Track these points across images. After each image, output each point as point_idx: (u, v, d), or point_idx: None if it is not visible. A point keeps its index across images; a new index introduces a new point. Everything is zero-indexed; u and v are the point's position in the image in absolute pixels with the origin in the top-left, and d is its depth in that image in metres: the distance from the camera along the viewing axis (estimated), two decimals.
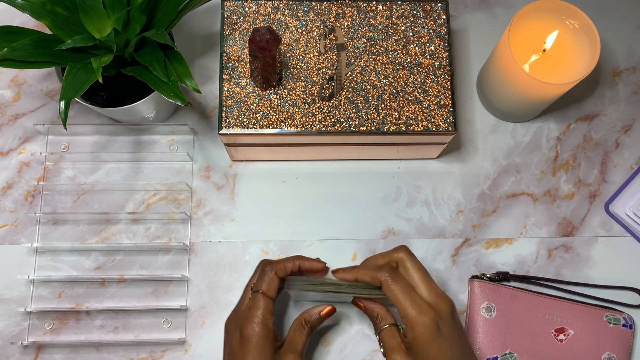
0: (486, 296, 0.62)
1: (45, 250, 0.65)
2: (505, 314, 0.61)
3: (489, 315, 0.61)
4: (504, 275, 0.63)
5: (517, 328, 0.61)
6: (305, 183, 0.68)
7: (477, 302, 0.62)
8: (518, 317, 0.61)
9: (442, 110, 0.60)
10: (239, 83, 0.60)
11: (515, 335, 0.61)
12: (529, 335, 0.61)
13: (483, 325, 0.61)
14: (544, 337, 0.61)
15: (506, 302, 0.62)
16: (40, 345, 0.63)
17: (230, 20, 0.62)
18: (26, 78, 0.70)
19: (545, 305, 0.62)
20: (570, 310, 0.62)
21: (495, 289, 0.62)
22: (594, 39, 0.60)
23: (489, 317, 0.61)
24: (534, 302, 0.62)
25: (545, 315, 0.62)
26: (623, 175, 0.69)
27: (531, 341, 0.61)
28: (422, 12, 0.63)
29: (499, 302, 0.62)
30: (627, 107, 0.71)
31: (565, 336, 0.61)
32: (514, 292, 0.62)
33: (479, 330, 0.61)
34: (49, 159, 0.67)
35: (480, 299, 0.62)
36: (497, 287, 0.62)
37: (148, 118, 0.65)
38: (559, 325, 0.61)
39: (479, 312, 0.62)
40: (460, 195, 0.68)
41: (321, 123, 0.59)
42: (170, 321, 0.63)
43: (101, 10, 0.57)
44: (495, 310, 0.61)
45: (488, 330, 0.61)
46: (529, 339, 0.61)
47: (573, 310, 0.62)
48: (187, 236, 0.66)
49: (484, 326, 0.61)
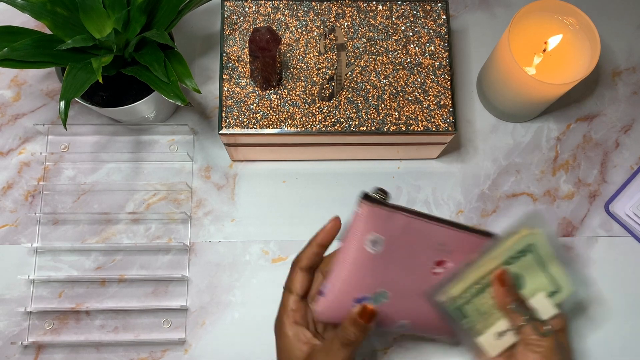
0: (376, 226, 0.49)
1: (46, 250, 0.65)
2: (392, 248, 0.50)
3: (374, 251, 0.49)
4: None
5: (399, 263, 0.51)
6: (305, 183, 0.68)
7: (363, 232, 0.49)
8: (405, 250, 0.51)
9: (442, 110, 0.60)
10: (239, 83, 0.60)
11: (395, 271, 0.50)
12: (408, 270, 0.51)
13: (364, 262, 0.49)
14: (422, 272, 0.52)
15: (397, 234, 0.50)
16: (40, 345, 0.63)
17: (230, 20, 0.62)
18: (26, 78, 0.70)
19: (438, 235, 0.52)
20: (454, 240, 0.53)
21: (390, 216, 0.50)
22: (594, 39, 0.60)
23: (374, 253, 0.49)
24: (426, 232, 0.52)
25: (433, 246, 0.52)
26: (623, 175, 0.69)
27: (408, 276, 0.51)
28: (422, 12, 0.63)
29: (390, 233, 0.50)
30: (627, 107, 0.71)
31: (442, 269, 0.53)
32: (410, 220, 0.51)
33: (356, 268, 0.49)
34: (49, 159, 0.67)
35: (368, 228, 0.49)
36: (393, 214, 0.50)
37: (148, 118, 0.65)
38: (441, 257, 0.52)
39: (363, 245, 0.49)
40: (460, 195, 0.68)
41: (321, 123, 0.59)
42: (170, 321, 0.64)
43: (101, 10, 0.57)
44: (382, 245, 0.49)
45: (368, 267, 0.49)
46: (407, 274, 0.51)
47: (456, 239, 0.53)
48: (187, 236, 0.66)
49: (365, 263, 0.49)
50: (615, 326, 0.65)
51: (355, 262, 0.49)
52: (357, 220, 0.49)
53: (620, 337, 0.65)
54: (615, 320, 0.65)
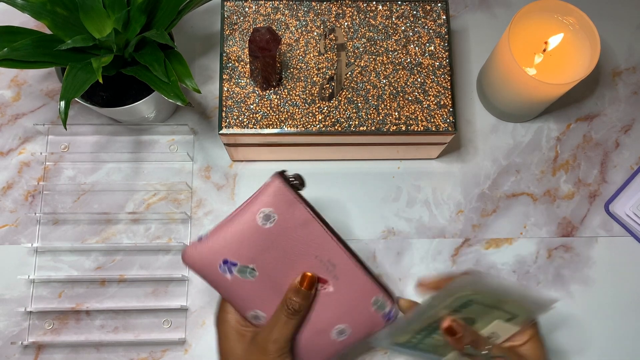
0: (276, 203, 0.49)
1: (45, 250, 0.65)
2: (280, 233, 0.49)
3: (262, 223, 0.49)
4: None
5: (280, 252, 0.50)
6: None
7: (262, 203, 0.49)
8: (292, 244, 0.50)
9: (442, 110, 0.60)
10: (239, 83, 0.60)
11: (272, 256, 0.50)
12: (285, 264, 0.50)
13: (249, 230, 0.49)
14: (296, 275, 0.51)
15: (291, 225, 0.49)
16: (40, 345, 0.63)
17: (230, 20, 0.62)
18: (26, 78, 0.70)
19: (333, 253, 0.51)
20: (347, 270, 0.51)
21: (293, 203, 0.49)
22: (594, 39, 0.60)
23: (261, 226, 0.49)
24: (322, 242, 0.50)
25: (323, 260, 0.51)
26: (623, 175, 0.69)
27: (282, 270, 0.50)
28: (422, 12, 0.63)
29: (285, 218, 0.49)
30: (627, 107, 0.71)
31: (322, 288, 0.51)
32: (311, 220, 0.50)
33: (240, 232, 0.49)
34: (49, 159, 0.67)
35: (267, 202, 0.49)
36: (297, 203, 0.49)
37: (148, 118, 0.65)
38: (324, 275, 0.51)
39: (255, 215, 0.49)
40: (460, 195, 0.68)
41: (321, 123, 0.59)
42: (170, 321, 0.64)
43: (101, 10, 0.57)
44: (273, 224, 0.49)
45: (249, 237, 0.49)
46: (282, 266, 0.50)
47: (350, 271, 0.51)
48: (187, 236, 0.66)
49: (249, 232, 0.49)
50: (615, 326, 0.65)
51: (242, 226, 0.49)
52: (262, 190, 0.49)
53: (620, 337, 0.65)
54: (615, 320, 0.65)
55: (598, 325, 0.65)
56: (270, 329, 0.50)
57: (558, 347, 0.64)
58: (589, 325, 0.65)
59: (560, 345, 0.64)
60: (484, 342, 0.49)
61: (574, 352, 0.64)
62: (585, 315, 0.65)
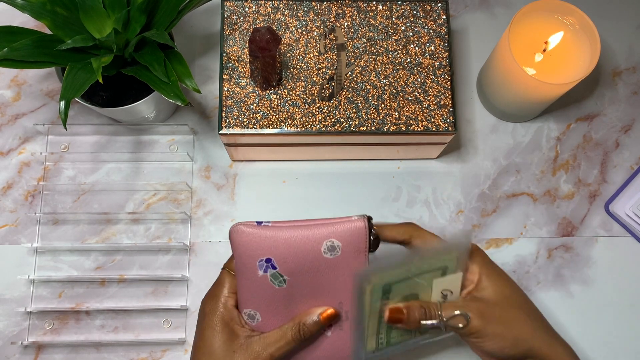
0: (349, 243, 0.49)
1: (45, 250, 0.65)
2: (331, 267, 0.49)
3: (323, 250, 0.48)
4: None
5: (318, 280, 0.50)
6: (305, 183, 0.68)
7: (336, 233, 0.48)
8: (331, 280, 0.50)
9: (442, 110, 0.60)
10: (239, 83, 0.60)
11: (309, 279, 0.49)
12: (314, 292, 0.50)
13: (308, 248, 0.48)
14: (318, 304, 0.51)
15: (346, 266, 0.49)
16: (40, 345, 0.63)
17: (230, 20, 0.62)
18: (26, 78, 0.70)
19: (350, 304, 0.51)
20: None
21: (361, 252, 0.49)
22: (594, 39, 0.60)
23: (322, 252, 0.48)
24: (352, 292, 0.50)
25: (340, 305, 0.51)
26: (623, 175, 0.69)
27: (309, 296, 0.50)
28: (422, 12, 0.63)
29: (346, 259, 0.49)
30: (627, 107, 0.71)
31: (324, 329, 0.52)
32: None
33: (299, 243, 0.48)
34: (49, 159, 0.67)
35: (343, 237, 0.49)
36: (363, 255, 0.49)
37: (148, 118, 0.65)
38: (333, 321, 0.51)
39: (323, 240, 0.48)
40: (460, 195, 0.68)
41: (321, 123, 0.59)
42: (170, 321, 0.64)
43: (101, 10, 0.57)
44: (333, 256, 0.49)
45: (305, 254, 0.48)
46: (310, 292, 0.50)
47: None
48: (187, 236, 0.66)
49: (308, 250, 0.48)
50: (615, 326, 0.65)
51: (304, 241, 0.48)
52: (343, 222, 0.49)
53: (620, 337, 0.65)
54: (615, 320, 0.65)
55: (598, 325, 0.65)
56: (272, 342, 0.49)
57: None
58: (589, 325, 0.65)
59: None
60: (435, 307, 0.48)
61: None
62: (585, 315, 0.65)
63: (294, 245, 0.48)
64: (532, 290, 0.66)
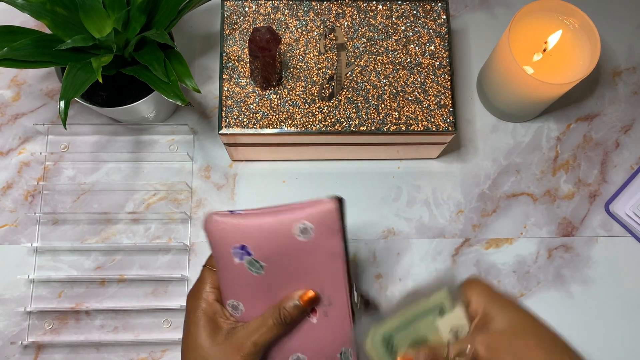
0: (321, 224, 0.48)
1: (45, 250, 0.65)
2: (307, 251, 0.48)
3: (296, 234, 0.48)
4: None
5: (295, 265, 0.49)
6: (305, 183, 0.68)
7: (306, 215, 0.48)
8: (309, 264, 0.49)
9: (442, 110, 0.60)
10: (239, 83, 0.60)
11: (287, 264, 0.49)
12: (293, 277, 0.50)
13: (281, 232, 0.48)
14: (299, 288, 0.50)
15: (322, 249, 0.48)
16: (40, 345, 0.63)
17: (230, 20, 0.62)
18: (26, 78, 0.70)
19: (334, 289, 0.50)
20: (339, 314, 0.50)
21: (335, 233, 0.48)
22: (594, 39, 0.60)
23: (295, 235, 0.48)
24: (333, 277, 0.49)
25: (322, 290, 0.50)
26: (623, 175, 0.69)
27: (289, 282, 0.50)
28: (422, 11, 0.63)
29: (320, 241, 0.48)
30: (627, 107, 0.71)
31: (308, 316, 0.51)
32: (339, 255, 0.49)
33: (272, 228, 0.48)
34: (49, 159, 0.67)
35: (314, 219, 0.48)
36: (338, 235, 0.48)
37: (148, 118, 0.65)
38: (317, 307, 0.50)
39: (295, 223, 0.48)
40: (460, 195, 0.68)
41: (321, 123, 0.59)
42: (170, 321, 0.63)
43: (101, 10, 0.57)
44: (307, 239, 0.48)
45: (278, 238, 0.48)
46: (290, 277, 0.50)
47: (341, 317, 0.50)
48: (187, 236, 0.66)
49: (281, 234, 0.48)
50: (615, 326, 0.65)
51: (276, 226, 0.48)
52: (313, 204, 0.48)
53: (620, 337, 0.65)
54: (615, 320, 0.65)
55: (598, 325, 0.65)
56: (254, 330, 0.49)
57: None
58: (589, 325, 0.65)
59: None
60: (442, 348, 0.47)
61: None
62: (585, 315, 0.65)
63: (267, 230, 0.48)
64: (532, 290, 0.66)
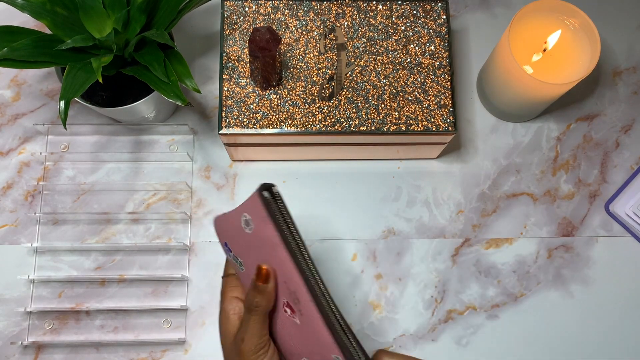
0: (253, 214, 0.46)
1: (45, 250, 0.65)
2: (255, 243, 0.47)
3: (243, 226, 0.47)
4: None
5: (257, 259, 0.47)
6: (305, 183, 0.68)
7: (246, 207, 0.46)
8: (264, 257, 0.47)
9: (442, 110, 0.60)
10: (239, 83, 0.60)
11: (252, 259, 0.48)
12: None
13: (237, 227, 0.48)
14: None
15: (265, 239, 0.46)
16: (40, 345, 0.63)
17: (230, 20, 0.62)
18: (26, 78, 0.70)
19: (293, 282, 0.46)
20: (308, 313, 0.46)
21: (264, 220, 0.45)
22: (594, 39, 0.60)
23: (243, 228, 0.47)
24: (284, 268, 0.46)
25: (286, 285, 0.47)
26: (623, 175, 0.69)
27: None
28: (422, 12, 0.63)
29: (259, 231, 0.46)
30: (627, 107, 0.71)
31: (291, 316, 0.48)
32: (277, 244, 0.45)
33: (234, 223, 0.47)
34: (49, 159, 0.67)
35: (249, 210, 0.46)
36: (267, 222, 0.45)
37: (148, 118, 0.65)
38: (292, 305, 0.47)
39: (241, 216, 0.47)
40: (460, 195, 0.68)
41: (321, 123, 0.59)
42: (170, 321, 0.63)
43: (101, 10, 0.57)
44: (251, 230, 0.47)
45: (236, 233, 0.48)
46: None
47: (310, 316, 0.46)
48: (187, 236, 0.66)
49: (236, 228, 0.48)
50: (615, 326, 0.65)
51: (235, 220, 0.47)
52: (250, 195, 0.46)
53: (620, 337, 0.65)
54: (615, 320, 0.65)
55: (598, 325, 0.65)
56: (240, 330, 0.48)
57: (558, 347, 0.64)
58: (589, 325, 0.65)
59: (560, 345, 0.64)
60: None
61: (573, 352, 0.64)
62: (585, 315, 0.65)
63: (230, 225, 0.49)
64: (532, 290, 0.66)
